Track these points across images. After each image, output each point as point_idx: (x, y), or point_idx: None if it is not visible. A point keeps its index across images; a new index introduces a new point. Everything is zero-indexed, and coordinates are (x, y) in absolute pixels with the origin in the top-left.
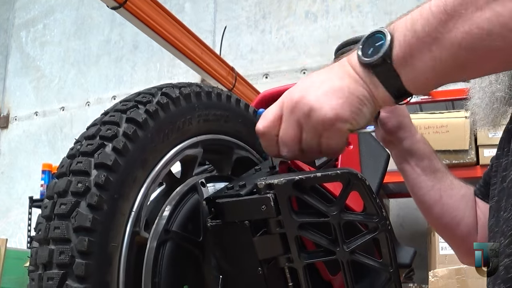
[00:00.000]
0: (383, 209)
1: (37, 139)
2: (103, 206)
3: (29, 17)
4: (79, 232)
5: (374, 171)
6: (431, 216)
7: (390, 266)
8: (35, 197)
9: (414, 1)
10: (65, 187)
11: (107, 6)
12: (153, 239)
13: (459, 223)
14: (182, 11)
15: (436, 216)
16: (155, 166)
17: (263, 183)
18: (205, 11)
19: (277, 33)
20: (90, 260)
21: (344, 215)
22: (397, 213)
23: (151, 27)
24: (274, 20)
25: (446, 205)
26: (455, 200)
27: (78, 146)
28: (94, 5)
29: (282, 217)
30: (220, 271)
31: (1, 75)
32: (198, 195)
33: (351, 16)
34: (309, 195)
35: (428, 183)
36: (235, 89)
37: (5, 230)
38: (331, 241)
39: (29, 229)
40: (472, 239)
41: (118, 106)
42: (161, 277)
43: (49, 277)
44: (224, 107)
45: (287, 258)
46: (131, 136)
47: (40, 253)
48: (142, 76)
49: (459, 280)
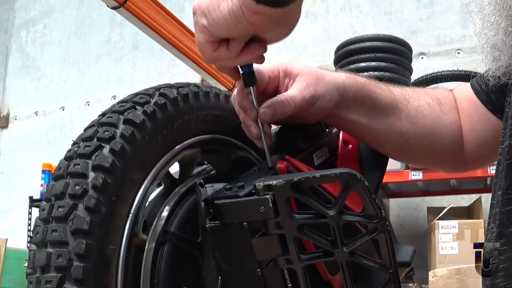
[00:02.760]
0: (382, 209)
1: (37, 139)
2: (101, 209)
3: (29, 17)
4: (77, 235)
5: (373, 171)
6: (409, 159)
7: (390, 267)
8: (35, 197)
9: (414, 1)
10: (63, 190)
11: (107, 6)
12: (151, 240)
13: (440, 150)
14: (182, 11)
15: (415, 159)
16: (153, 167)
17: (262, 184)
18: None
19: None
20: (88, 263)
21: (343, 216)
22: (397, 213)
23: (151, 27)
24: None
25: (416, 143)
26: (423, 127)
27: (75, 148)
28: (94, 5)
29: (280, 218)
30: (219, 272)
31: (1, 75)
32: (196, 196)
33: (351, 16)
34: (308, 196)
35: (383, 127)
36: (235, 89)
37: (5, 230)
38: (330, 242)
39: (29, 229)
40: (459, 151)
41: (116, 107)
42: (160, 279)
43: (47, 280)
44: (223, 107)
45: (286, 259)
46: (129, 138)
47: (38, 256)
48: (142, 76)
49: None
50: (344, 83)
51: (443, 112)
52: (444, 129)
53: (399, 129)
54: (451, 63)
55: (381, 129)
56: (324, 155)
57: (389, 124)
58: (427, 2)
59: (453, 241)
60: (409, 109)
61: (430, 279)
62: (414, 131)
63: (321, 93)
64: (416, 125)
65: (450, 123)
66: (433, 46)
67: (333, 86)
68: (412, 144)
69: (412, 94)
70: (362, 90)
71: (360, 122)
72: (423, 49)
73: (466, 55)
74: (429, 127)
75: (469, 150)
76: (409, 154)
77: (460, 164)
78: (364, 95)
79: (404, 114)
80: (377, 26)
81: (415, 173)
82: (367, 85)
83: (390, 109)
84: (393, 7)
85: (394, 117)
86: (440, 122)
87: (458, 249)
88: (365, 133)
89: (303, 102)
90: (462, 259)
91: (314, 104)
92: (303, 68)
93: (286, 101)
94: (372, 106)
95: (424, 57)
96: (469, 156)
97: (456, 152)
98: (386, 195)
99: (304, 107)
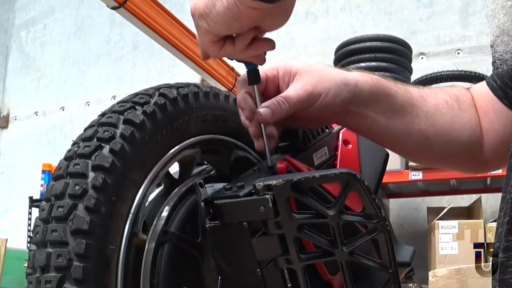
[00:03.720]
0: (382, 209)
1: (37, 139)
2: (101, 209)
3: (29, 17)
4: (77, 235)
5: (373, 170)
6: (428, 159)
7: (389, 266)
8: (35, 197)
9: (414, 1)
10: (63, 190)
11: (107, 6)
12: (151, 240)
13: (459, 148)
14: (182, 11)
15: (434, 159)
16: (153, 167)
17: (261, 184)
18: None
19: (277, 33)
20: (87, 263)
21: (343, 216)
22: (397, 213)
23: (151, 27)
24: None
25: (435, 142)
26: (442, 125)
27: (75, 148)
28: (94, 5)
29: (280, 218)
30: (219, 272)
31: (1, 75)
32: (196, 196)
33: (351, 16)
34: (308, 196)
35: (401, 126)
36: (235, 89)
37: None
38: (330, 242)
39: (29, 229)
40: (479, 148)
41: (116, 107)
42: (160, 279)
43: (47, 280)
44: (222, 107)
45: (285, 259)
46: (129, 138)
47: (38, 256)
48: (142, 76)
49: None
50: (357, 78)
51: (461, 109)
52: (463, 126)
53: (418, 128)
54: (451, 63)
55: (400, 129)
56: (324, 155)
57: (407, 123)
58: (427, 2)
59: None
60: (427, 107)
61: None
62: (434, 129)
63: (323, 89)
64: (435, 124)
65: (469, 119)
66: (433, 46)
67: (340, 82)
68: (432, 143)
69: (429, 93)
70: (378, 86)
71: (378, 121)
72: (423, 49)
73: (466, 55)
74: (448, 124)
75: (488, 148)
76: (429, 154)
77: (480, 163)
78: (380, 91)
79: (423, 112)
80: (377, 26)
81: (415, 173)
82: (383, 82)
83: (408, 107)
84: (393, 7)
85: (412, 116)
86: (459, 120)
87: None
88: (383, 133)
89: (299, 101)
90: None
91: (315, 101)
92: (304, 66)
93: (281, 101)
94: (389, 103)
95: (424, 57)
96: (488, 154)
97: (476, 150)
98: (386, 195)
99: (302, 105)
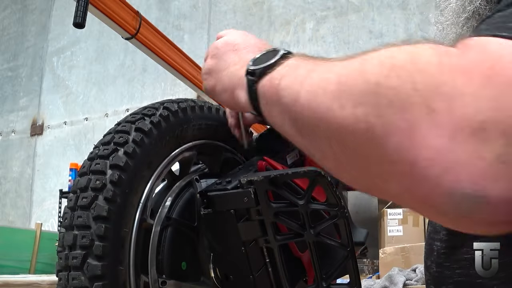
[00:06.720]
0: (342, 199)
1: (66, 143)
2: (117, 199)
3: (60, 46)
4: (98, 220)
5: None
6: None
7: (348, 245)
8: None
9: (367, 33)
10: (86, 184)
11: (122, 37)
12: (157, 224)
13: None
14: (182, 41)
15: None
16: (158, 166)
17: (245, 180)
18: (200, 41)
19: None
20: (106, 242)
21: (310, 205)
22: (354, 202)
23: (157, 54)
24: None
25: None
26: None
27: (96, 151)
28: (111, 36)
29: (260, 206)
30: (211, 250)
31: (37, 92)
32: (193, 189)
33: (317, 45)
34: (282, 189)
35: None
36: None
37: (40, 216)
38: (300, 225)
39: (59, 215)
40: None
41: (128, 118)
42: (164, 255)
43: (74, 256)
44: (214, 118)
45: (264, 240)
46: (139, 142)
47: (66, 237)
48: (150, 93)
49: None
50: None
51: None
52: None
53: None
54: None
55: None
56: (295, 156)
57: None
58: (378, 34)
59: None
60: None
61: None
62: None
63: None
64: None
65: None
66: None
67: None
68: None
69: None
70: None
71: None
72: None
73: None
74: None
75: None
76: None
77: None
78: None
79: None
80: (338, 53)
81: None
82: None
83: None
84: (351, 38)
85: None
86: None
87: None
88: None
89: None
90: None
91: None
92: None
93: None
94: None
95: None
96: None
97: None
98: (345, 188)
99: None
